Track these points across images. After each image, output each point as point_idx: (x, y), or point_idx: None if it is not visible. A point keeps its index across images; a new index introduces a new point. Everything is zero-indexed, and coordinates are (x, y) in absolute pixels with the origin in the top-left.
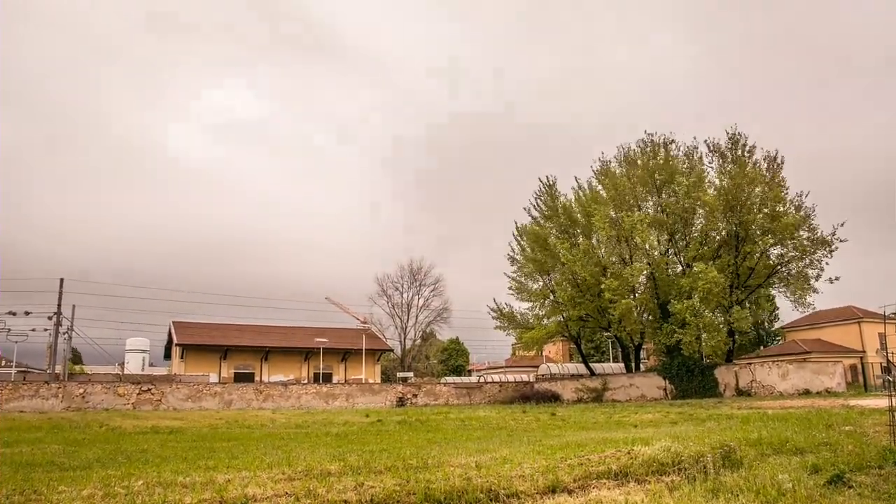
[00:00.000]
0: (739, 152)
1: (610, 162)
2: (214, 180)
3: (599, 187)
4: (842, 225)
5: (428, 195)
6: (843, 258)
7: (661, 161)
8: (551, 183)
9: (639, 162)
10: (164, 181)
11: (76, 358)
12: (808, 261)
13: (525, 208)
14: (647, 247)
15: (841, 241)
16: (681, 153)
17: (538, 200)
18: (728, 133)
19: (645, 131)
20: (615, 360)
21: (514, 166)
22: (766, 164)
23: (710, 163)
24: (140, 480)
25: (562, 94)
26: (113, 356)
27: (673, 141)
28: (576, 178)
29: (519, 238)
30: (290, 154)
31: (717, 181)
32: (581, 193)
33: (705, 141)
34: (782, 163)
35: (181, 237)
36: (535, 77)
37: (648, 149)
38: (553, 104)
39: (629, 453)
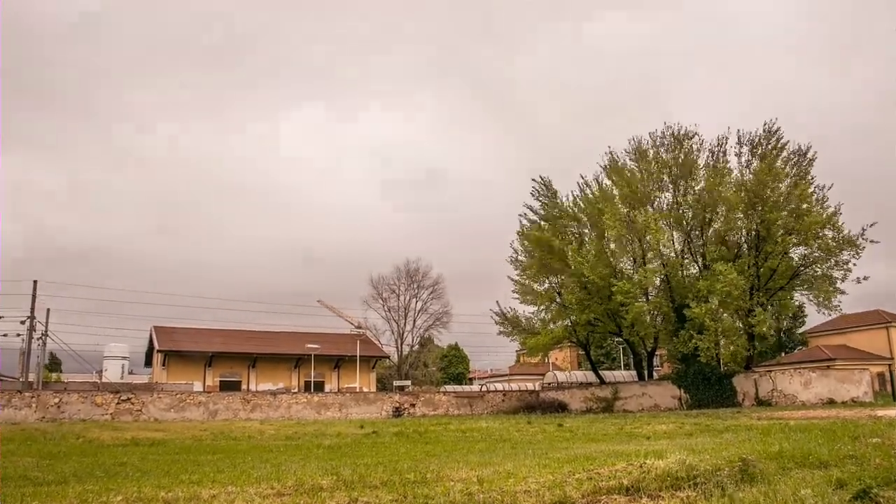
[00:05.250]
0: (771, 147)
1: (618, 155)
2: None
3: (608, 182)
4: (871, 226)
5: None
6: (872, 258)
7: (679, 154)
8: (547, 183)
9: (651, 154)
10: (147, 178)
11: (52, 365)
12: (833, 262)
13: (520, 214)
14: (662, 246)
15: (872, 241)
16: (701, 147)
17: (537, 201)
18: (766, 125)
19: (664, 122)
20: (626, 367)
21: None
22: (794, 160)
23: (737, 155)
24: (119, 496)
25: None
26: (91, 363)
27: (696, 133)
28: (581, 175)
29: (521, 241)
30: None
31: (739, 176)
32: (588, 190)
33: (738, 132)
34: (813, 159)
35: (164, 236)
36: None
37: (667, 141)
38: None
39: (641, 467)
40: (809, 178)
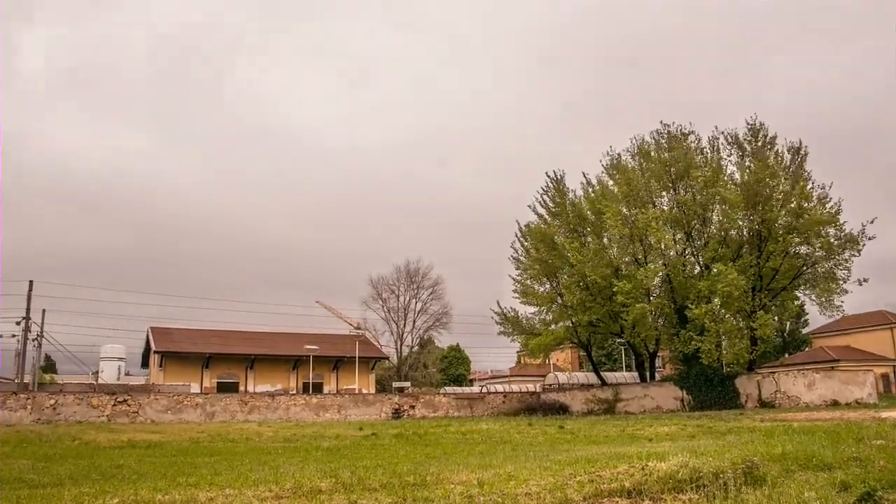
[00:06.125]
0: (760, 144)
1: (621, 155)
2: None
3: (610, 182)
4: (871, 222)
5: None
6: (876, 256)
7: (678, 153)
8: (559, 178)
9: (652, 154)
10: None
11: (47, 366)
12: (835, 261)
13: (530, 205)
14: (663, 246)
15: (870, 238)
16: (699, 144)
17: (544, 197)
18: (748, 123)
19: (661, 121)
20: (628, 368)
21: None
22: (789, 156)
23: (728, 156)
24: (116, 499)
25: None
26: (86, 364)
27: (692, 132)
28: (584, 173)
29: (523, 238)
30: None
31: (737, 175)
32: (591, 189)
33: (723, 133)
34: (806, 154)
35: (159, 236)
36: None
37: (664, 140)
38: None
39: (643, 469)
40: (807, 175)
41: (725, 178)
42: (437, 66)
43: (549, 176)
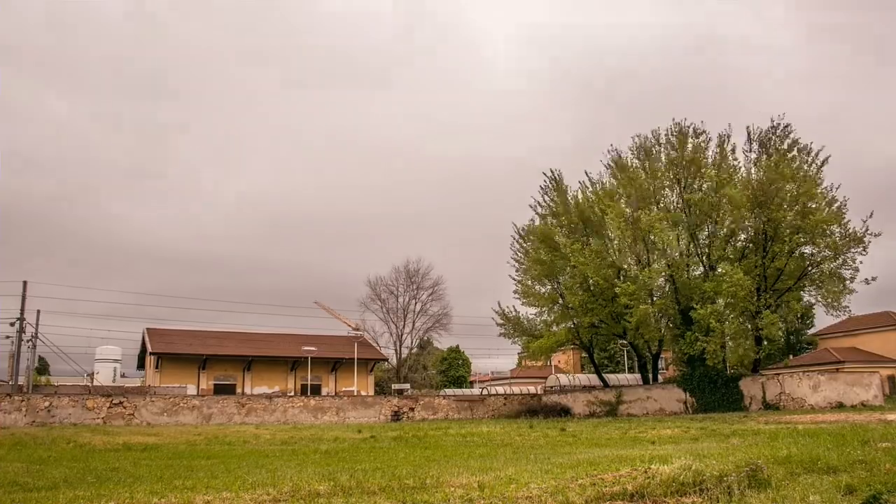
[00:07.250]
0: (785, 146)
1: (623, 153)
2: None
3: (614, 181)
4: (871, 216)
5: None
6: (881, 256)
7: (688, 152)
8: (558, 178)
9: (656, 152)
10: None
11: (42, 368)
12: (841, 260)
13: (530, 206)
14: (667, 247)
15: (875, 235)
16: (711, 144)
17: (544, 196)
18: (773, 121)
19: (672, 119)
20: (631, 370)
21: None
22: (808, 159)
23: (746, 152)
24: (111, 502)
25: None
26: (82, 366)
27: (704, 131)
28: (586, 172)
29: (522, 239)
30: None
31: (745, 174)
32: (596, 188)
33: (747, 127)
34: (825, 161)
35: (156, 237)
36: None
37: (673, 138)
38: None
39: (646, 472)
40: (817, 178)
41: (735, 178)
42: None
43: (546, 175)
